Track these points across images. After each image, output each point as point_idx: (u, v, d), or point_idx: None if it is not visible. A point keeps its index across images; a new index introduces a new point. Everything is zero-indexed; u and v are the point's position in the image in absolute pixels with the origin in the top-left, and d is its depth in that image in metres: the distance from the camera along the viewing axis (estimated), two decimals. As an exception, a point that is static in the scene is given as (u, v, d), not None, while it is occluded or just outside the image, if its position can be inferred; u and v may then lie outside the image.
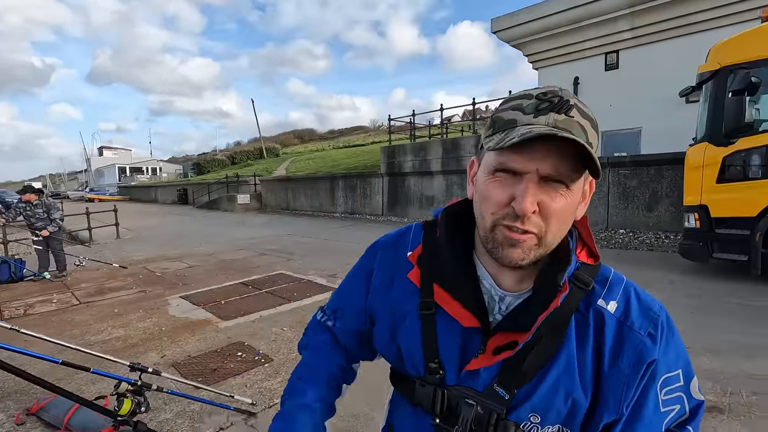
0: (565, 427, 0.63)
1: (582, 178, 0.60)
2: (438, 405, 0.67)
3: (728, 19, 9.32)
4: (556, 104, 0.57)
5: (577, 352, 0.62)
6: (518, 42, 12.70)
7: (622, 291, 0.64)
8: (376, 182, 14.53)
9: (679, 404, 0.64)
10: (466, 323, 0.65)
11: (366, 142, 38.74)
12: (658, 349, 0.61)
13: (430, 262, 0.70)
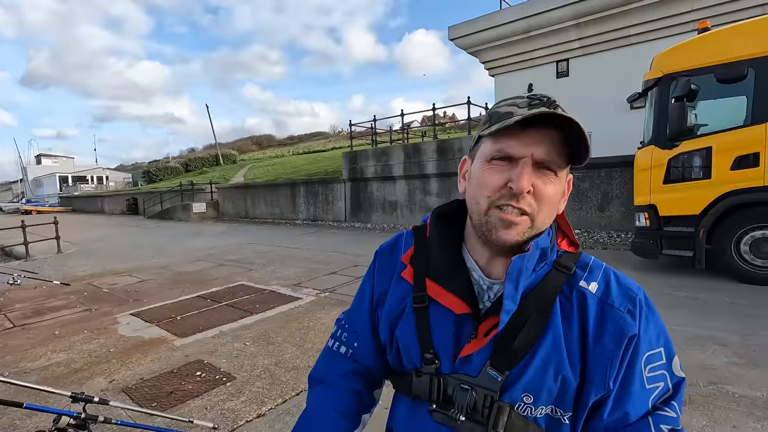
0: (557, 407, 0.66)
1: (566, 170, 0.67)
2: (434, 392, 0.69)
3: (665, 31, 10.00)
4: (545, 102, 0.63)
5: (564, 330, 0.65)
6: (475, 49, 13.03)
7: (602, 273, 0.69)
8: (338, 188, 14.38)
9: (662, 381, 0.67)
10: (459, 310, 0.69)
11: (326, 147, 38.42)
12: (637, 325, 0.65)
13: (422, 259, 0.75)
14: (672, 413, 0.66)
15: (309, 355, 3.48)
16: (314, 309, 4.78)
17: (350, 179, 13.91)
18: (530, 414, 0.66)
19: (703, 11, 9.24)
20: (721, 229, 4.99)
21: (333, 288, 5.69)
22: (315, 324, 4.25)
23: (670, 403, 0.67)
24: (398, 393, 0.79)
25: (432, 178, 11.88)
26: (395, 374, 0.79)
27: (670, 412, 0.66)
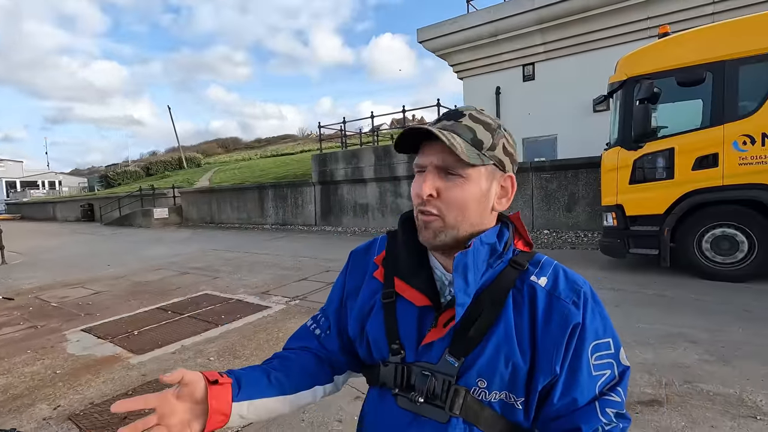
0: (510, 393, 0.71)
1: (482, 171, 0.73)
2: (398, 379, 0.76)
3: (623, 37, 10.40)
4: (451, 114, 0.75)
5: (515, 320, 0.71)
6: (443, 52, 13.12)
7: (552, 269, 0.75)
8: (308, 191, 14.10)
9: (609, 369, 0.72)
10: (419, 303, 0.76)
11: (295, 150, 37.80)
12: (581, 314, 0.71)
13: (392, 260, 0.82)
14: (617, 398, 0.72)
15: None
16: (284, 318, 4.56)
17: (320, 182, 13.66)
18: (485, 398, 0.72)
19: (657, 19, 9.66)
20: (684, 227, 5.15)
21: (304, 295, 5.48)
22: (285, 334, 4.03)
23: (616, 389, 0.72)
24: (370, 386, 0.84)
25: (403, 180, 11.82)
26: (366, 367, 0.85)
27: (615, 397, 0.72)
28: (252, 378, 0.77)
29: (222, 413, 0.69)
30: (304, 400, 0.83)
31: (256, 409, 0.75)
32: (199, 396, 0.68)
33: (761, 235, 4.79)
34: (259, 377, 0.78)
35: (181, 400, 0.67)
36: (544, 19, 11.08)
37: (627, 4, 10.04)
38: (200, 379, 0.69)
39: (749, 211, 4.84)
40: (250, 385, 0.75)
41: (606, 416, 0.70)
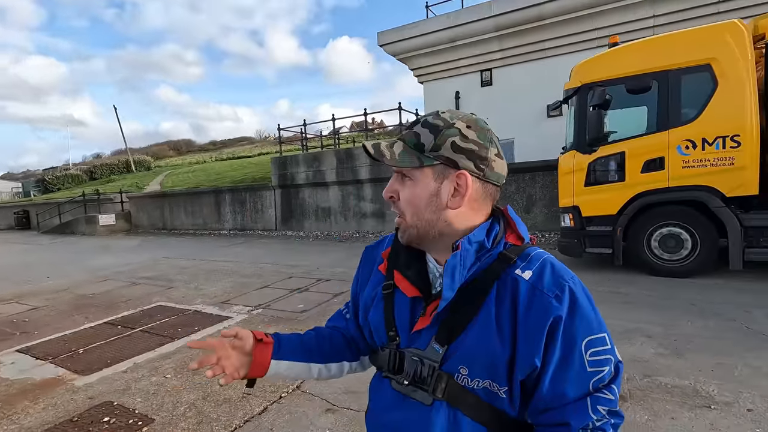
0: (493, 381, 0.74)
1: (427, 172, 0.77)
2: (391, 363, 0.82)
3: (574, 46, 10.91)
4: (410, 123, 0.83)
5: (496, 311, 0.74)
6: (403, 56, 13.21)
7: (540, 263, 0.76)
8: (268, 195, 13.71)
9: (607, 366, 0.72)
10: (410, 294, 0.82)
11: (253, 153, 36.76)
12: (564, 309, 0.71)
13: (395, 255, 0.88)
14: (611, 396, 0.72)
15: (243, 384, 3.10)
16: (247, 328, 4.35)
17: (280, 186, 13.33)
18: (468, 384, 0.75)
19: (605, 30, 10.21)
20: (635, 227, 5.44)
21: (267, 303, 5.27)
22: (248, 346, 3.84)
23: (611, 387, 0.72)
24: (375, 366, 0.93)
25: (366, 183, 11.76)
26: (371, 351, 0.93)
27: (609, 395, 0.72)
28: (290, 343, 0.95)
29: (262, 366, 0.90)
30: (332, 371, 0.98)
31: (289, 368, 0.93)
32: (248, 349, 0.88)
33: (703, 233, 5.14)
34: (296, 344, 0.95)
35: (235, 350, 0.88)
36: (501, 26, 11.43)
37: (577, 14, 10.54)
38: (250, 336, 0.89)
39: (692, 211, 5.18)
40: (287, 348, 0.94)
41: (597, 413, 0.71)
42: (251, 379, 0.92)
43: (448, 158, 0.75)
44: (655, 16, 9.95)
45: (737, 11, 8.76)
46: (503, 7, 11.18)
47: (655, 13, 9.94)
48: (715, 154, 4.93)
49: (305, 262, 7.95)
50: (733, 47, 4.80)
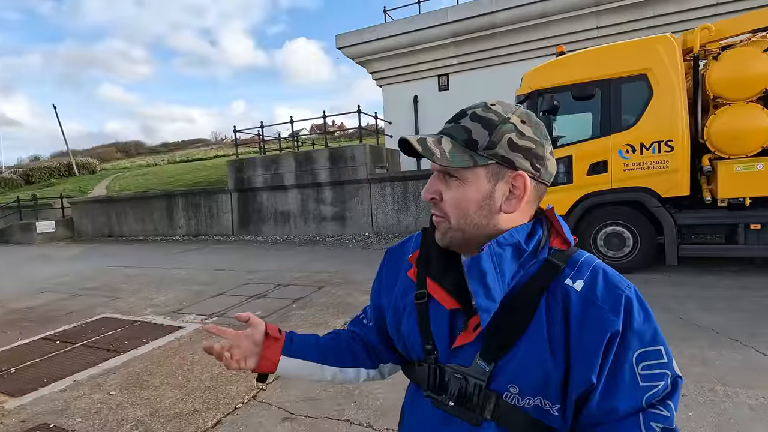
0: (545, 399, 0.69)
1: (479, 172, 0.70)
2: (431, 380, 0.76)
3: (525, 54, 11.37)
4: (455, 115, 0.74)
5: (547, 326, 0.68)
6: (362, 59, 13.24)
7: (591, 271, 0.70)
8: (224, 199, 13.28)
9: (662, 381, 0.67)
10: (449, 306, 0.75)
11: (208, 156, 35.44)
12: (621, 322, 0.65)
13: (425, 260, 0.81)
14: (666, 412, 0.67)
15: (196, 396, 2.98)
16: (200, 338, 4.19)
17: (237, 189, 12.95)
18: (518, 403, 0.70)
19: (553, 39, 10.73)
20: (583, 226, 5.73)
21: (223, 311, 5.09)
22: (202, 356, 3.69)
23: (666, 403, 0.67)
24: (409, 381, 0.87)
25: (326, 186, 11.66)
26: (406, 363, 0.87)
27: (665, 411, 0.67)
28: (304, 342, 0.92)
29: (271, 361, 0.87)
30: (349, 376, 0.94)
31: (300, 367, 0.90)
32: (258, 338, 0.86)
33: (642, 231, 5.50)
34: (310, 343, 0.92)
35: (246, 339, 0.86)
36: (457, 32, 11.72)
37: (528, 24, 11.01)
38: (261, 325, 0.87)
39: (633, 210, 5.54)
40: (300, 346, 0.91)
41: (649, 429, 0.66)
42: (262, 374, 0.89)
43: (504, 157, 0.69)
44: (598, 28, 10.58)
45: (671, 25, 9.48)
46: (458, 14, 11.48)
47: (598, 24, 10.56)
48: (652, 157, 5.30)
49: (264, 267, 7.75)
50: (665, 59, 5.18)
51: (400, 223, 10.77)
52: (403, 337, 0.83)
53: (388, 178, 11.06)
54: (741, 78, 4.94)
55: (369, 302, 0.99)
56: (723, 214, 5.23)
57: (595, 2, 10.26)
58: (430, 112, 12.72)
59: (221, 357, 0.84)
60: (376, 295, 0.95)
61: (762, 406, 2.47)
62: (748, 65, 4.92)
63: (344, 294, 5.50)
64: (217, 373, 3.32)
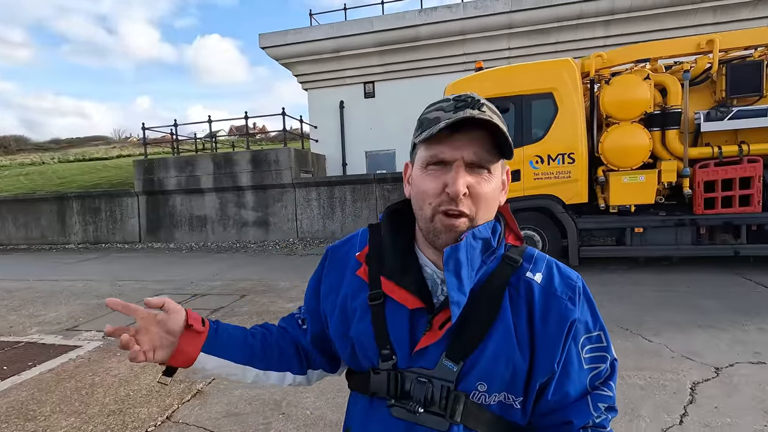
0: (509, 394, 0.69)
1: (499, 164, 0.70)
2: (392, 388, 0.70)
3: (446, 68, 11.96)
4: (470, 103, 0.66)
5: (513, 319, 0.68)
6: (287, 61, 12.94)
7: (546, 264, 0.72)
8: (129, 203, 12.05)
9: (603, 363, 0.71)
10: (412, 305, 0.70)
11: (110, 155, 31.98)
12: (577, 311, 0.69)
13: (377, 258, 0.76)
14: (609, 392, 0.71)
15: (97, 423, 2.63)
16: (102, 358, 3.72)
17: (146, 192, 11.83)
18: (485, 402, 0.69)
19: (471, 56, 11.46)
20: (499, 231, 6.15)
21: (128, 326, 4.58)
22: (104, 378, 3.28)
23: (608, 383, 0.71)
24: (355, 392, 0.79)
25: (248, 190, 11.13)
26: (352, 373, 0.80)
27: (608, 391, 0.71)
28: (229, 338, 0.81)
29: (188, 356, 0.75)
30: (271, 380, 0.85)
31: (219, 366, 0.80)
32: (173, 328, 0.73)
33: (549, 234, 6.06)
34: (237, 340, 0.82)
35: (158, 325, 0.73)
36: (382, 42, 11.97)
37: (448, 39, 11.62)
38: (180, 314, 0.74)
39: (541, 216, 6.07)
40: (224, 342, 0.80)
41: (597, 410, 0.69)
42: (170, 368, 0.75)
43: (511, 149, 0.66)
44: (510, 48, 11.52)
45: (570, 51, 10.62)
46: (383, 24, 11.75)
47: (509, 45, 11.50)
48: (557, 168, 5.87)
49: (178, 276, 7.15)
50: (567, 80, 5.79)
51: (326, 229, 10.65)
52: (352, 342, 0.77)
53: (313, 183, 10.89)
54: (627, 101, 5.69)
55: (303, 305, 0.91)
56: (614, 219, 5.95)
57: (507, 25, 11.16)
58: (356, 118, 12.82)
59: (127, 346, 0.69)
60: (313, 298, 0.87)
61: (650, 385, 2.83)
62: (632, 90, 5.68)
63: (268, 302, 5.28)
64: (124, 395, 2.97)
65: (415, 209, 0.72)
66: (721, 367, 3.04)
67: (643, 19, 10.49)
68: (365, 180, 10.51)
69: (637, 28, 10.54)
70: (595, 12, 10.57)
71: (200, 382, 3.10)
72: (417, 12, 11.57)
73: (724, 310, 4.19)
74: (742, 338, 3.51)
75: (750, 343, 3.41)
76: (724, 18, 10.10)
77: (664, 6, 10.24)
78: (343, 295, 0.79)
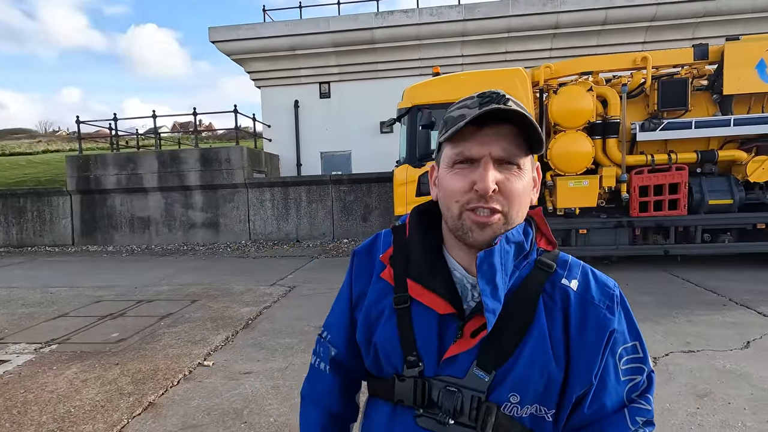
0: (541, 406, 0.66)
1: (529, 160, 0.67)
2: (419, 396, 0.67)
3: (403, 71, 12.10)
4: (495, 98, 0.63)
5: (548, 327, 0.66)
6: (239, 57, 12.51)
7: (581, 271, 0.70)
8: (61, 202, 11.07)
9: (639, 375, 0.68)
10: (443, 310, 0.67)
11: (35, 150, 29.20)
12: (615, 320, 0.67)
13: (402, 259, 0.73)
14: (647, 406, 0.68)
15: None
16: (34, 372, 3.38)
17: (80, 191, 10.92)
18: (516, 414, 0.66)
19: (427, 60, 11.70)
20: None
21: (65, 336, 4.20)
22: (39, 394, 2.98)
23: (645, 396, 0.69)
24: (375, 398, 0.75)
25: (196, 190, 10.61)
26: (373, 378, 0.76)
27: (646, 405, 0.68)
28: None
29: None
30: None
31: None
32: None
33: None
34: None
35: None
36: (338, 42, 11.90)
37: (404, 44, 11.77)
38: None
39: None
40: None
41: (635, 424, 0.66)
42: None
43: (541, 142, 0.64)
44: (463, 56, 11.89)
45: (519, 61, 11.13)
46: (340, 25, 11.70)
47: (462, 52, 11.87)
48: (510, 172, 6.13)
49: (119, 281, 6.66)
50: (520, 89, 6.07)
51: (280, 230, 10.39)
52: (376, 348, 0.73)
53: (267, 183, 10.59)
54: (572, 110, 6.05)
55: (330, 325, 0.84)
56: (561, 221, 6.31)
57: (460, 33, 11.51)
58: (312, 118, 12.64)
59: None
60: (345, 308, 0.81)
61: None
62: (577, 101, 6.06)
63: (222, 307, 5.06)
64: (64, 412, 2.72)
65: (443, 209, 0.69)
66: (658, 357, 3.32)
67: (584, 35, 11.26)
68: (321, 181, 10.39)
69: (578, 42, 11.28)
70: (542, 25, 11.18)
71: (152, 393, 2.91)
72: (373, 15, 11.63)
73: (658, 305, 4.58)
74: (675, 330, 3.85)
75: (682, 334, 3.75)
76: (651, 38, 11.08)
77: (601, 23, 11.04)
78: (369, 298, 0.76)
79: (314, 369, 0.86)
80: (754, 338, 3.60)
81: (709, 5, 10.52)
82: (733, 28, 10.20)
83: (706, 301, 4.68)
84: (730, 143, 6.05)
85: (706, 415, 2.51)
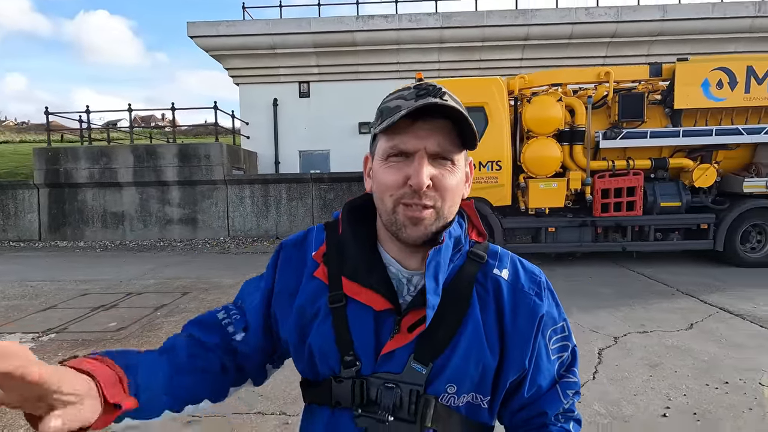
0: (477, 394, 0.68)
1: (463, 155, 0.68)
2: (357, 396, 0.66)
3: (383, 74, 12.42)
4: (432, 91, 0.62)
5: (482, 317, 0.68)
6: (217, 53, 12.45)
7: (510, 261, 0.73)
8: (27, 196, 10.68)
9: (566, 352, 0.74)
10: (379, 306, 0.66)
11: (-13, 140, 27.40)
12: (544, 305, 0.71)
13: (336, 257, 0.72)
14: (574, 378, 0.74)
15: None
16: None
17: (49, 184, 10.57)
18: (453, 404, 0.67)
19: (405, 65, 12.11)
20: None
21: (61, 326, 4.26)
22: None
23: (572, 369, 0.74)
24: (312, 405, 0.73)
25: (173, 186, 10.52)
26: (309, 384, 0.73)
27: (573, 377, 0.74)
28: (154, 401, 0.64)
29: None
30: (183, 413, 0.69)
31: None
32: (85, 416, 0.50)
33: (479, 233, 6.77)
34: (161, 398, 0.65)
35: None
36: (318, 43, 12.09)
37: (384, 47, 12.11)
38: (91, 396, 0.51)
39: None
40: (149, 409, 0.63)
41: (566, 397, 0.72)
42: None
43: (475, 139, 0.64)
44: (440, 62, 12.37)
45: (493, 69, 11.73)
46: (321, 26, 11.89)
47: (440, 59, 12.35)
48: (487, 174, 6.59)
49: (101, 276, 6.63)
50: (496, 97, 6.54)
51: (260, 227, 10.48)
52: (311, 349, 0.70)
53: (247, 180, 10.64)
54: (544, 118, 6.58)
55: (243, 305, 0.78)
56: (532, 220, 6.84)
57: (438, 40, 11.98)
58: (291, 117, 12.74)
59: None
60: (262, 301, 0.76)
61: (569, 352, 3.48)
62: (548, 110, 6.59)
63: (215, 300, 5.21)
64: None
65: (377, 202, 0.69)
66: (618, 336, 3.82)
67: (552, 47, 11.99)
68: (301, 179, 10.56)
69: (547, 53, 12.01)
70: (514, 36, 11.82)
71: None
72: (354, 18, 11.91)
73: (618, 296, 5.13)
74: (631, 315, 4.39)
75: (637, 318, 4.29)
76: (612, 53, 11.96)
77: (567, 37, 11.81)
78: (299, 298, 0.72)
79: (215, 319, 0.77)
80: (696, 321, 4.18)
81: (664, 25, 11.49)
82: (684, 47, 11.24)
83: (657, 291, 5.29)
84: (679, 152, 6.77)
85: (658, 380, 2.99)
